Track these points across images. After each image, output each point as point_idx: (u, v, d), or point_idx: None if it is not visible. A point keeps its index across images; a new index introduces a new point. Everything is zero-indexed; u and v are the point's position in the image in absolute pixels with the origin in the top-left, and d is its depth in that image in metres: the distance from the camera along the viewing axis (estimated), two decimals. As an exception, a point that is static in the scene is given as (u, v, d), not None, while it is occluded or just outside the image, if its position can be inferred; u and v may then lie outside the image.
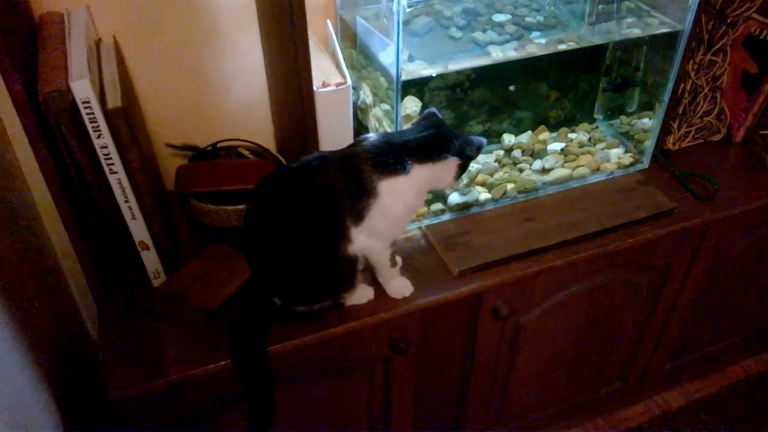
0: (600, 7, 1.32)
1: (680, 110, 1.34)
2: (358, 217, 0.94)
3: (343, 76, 1.04)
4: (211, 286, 1.05)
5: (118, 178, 0.96)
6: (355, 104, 1.25)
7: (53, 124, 0.90)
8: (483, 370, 1.30)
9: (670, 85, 1.23)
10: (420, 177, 0.95)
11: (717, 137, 1.42)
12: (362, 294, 1.06)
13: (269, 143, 1.32)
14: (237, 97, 1.28)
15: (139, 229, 1.03)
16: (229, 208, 1.12)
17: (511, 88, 1.31)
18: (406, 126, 1.04)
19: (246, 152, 1.25)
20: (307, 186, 0.95)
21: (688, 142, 1.39)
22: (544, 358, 1.38)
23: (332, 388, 1.16)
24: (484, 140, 1.03)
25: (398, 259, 1.12)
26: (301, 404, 1.15)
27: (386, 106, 1.15)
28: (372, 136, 0.97)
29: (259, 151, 1.26)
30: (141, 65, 1.18)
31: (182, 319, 1.03)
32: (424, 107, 1.22)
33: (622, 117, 1.38)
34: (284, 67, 1.05)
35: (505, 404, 1.44)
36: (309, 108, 1.00)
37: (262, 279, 1.01)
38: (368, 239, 0.97)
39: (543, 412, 1.54)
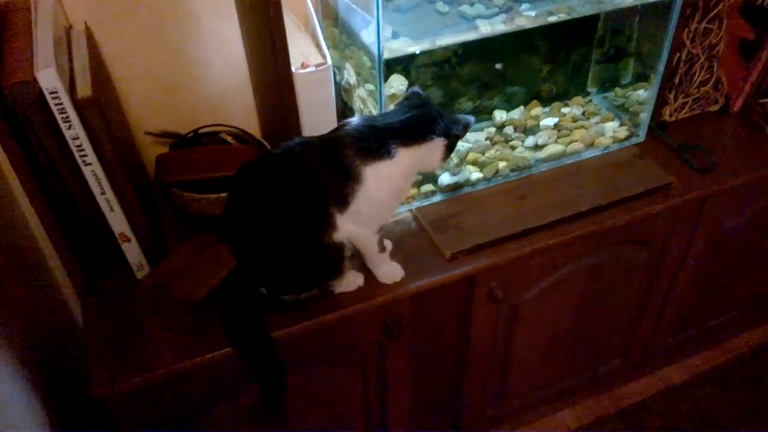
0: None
1: (676, 80, 1.30)
2: (343, 203, 0.91)
3: (324, 57, 1.01)
4: (196, 277, 1.02)
5: (92, 170, 0.93)
6: (339, 85, 1.21)
7: (21, 116, 0.86)
8: (479, 353, 1.28)
9: (664, 55, 1.19)
10: (406, 160, 0.92)
11: (715, 107, 1.38)
12: (352, 281, 1.03)
13: (253, 128, 1.29)
14: (218, 81, 1.24)
15: (118, 222, 1.00)
16: (212, 196, 1.08)
17: (498, 65, 1.27)
18: (391, 106, 1.00)
19: (229, 138, 1.21)
20: (289, 172, 0.91)
21: (685, 113, 1.35)
22: (542, 339, 1.35)
23: (326, 377, 1.14)
24: (471, 118, 1.00)
25: (388, 244, 1.09)
26: (295, 394, 1.12)
27: (370, 86, 1.11)
28: (355, 119, 0.93)
29: (242, 137, 1.22)
30: (116, 53, 1.14)
31: (167, 312, 1.01)
32: (410, 85, 1.18)
33: (617, 89, 1.34)
34: (262, 49, 1.01)
35: (504, 386, 1.42)
36: (288, 90, 0.96)
37: (246, 269, 0.98)
38: (354, 226, 0.94)
39: (544, 391, 1.52)
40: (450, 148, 0.97)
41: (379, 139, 0.90)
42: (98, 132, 0.92)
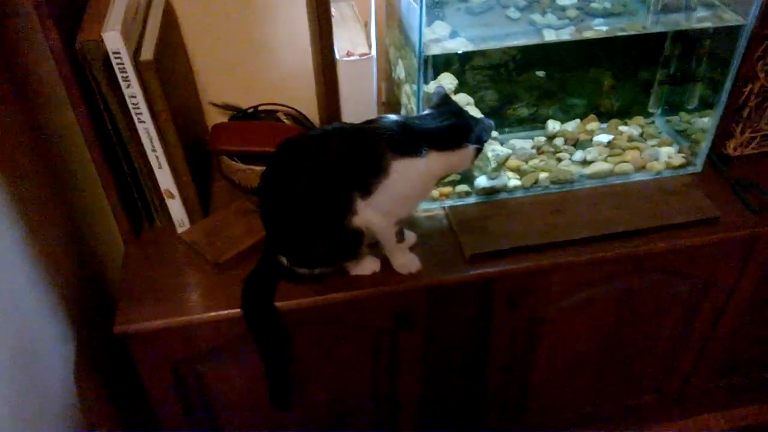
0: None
1: (745, 114, 1.24)
2: (367, 191, 0.95)
3: (369, 48, 1.05)
4: (227, 240, 1.10)
5: (145, 128, 1.02)
6: (393, 81, 1.25)
7: (88, 72, 0.97)
8: (499, 363, 1.28)
9: (727, 84, 1.14)
10: (436, 164, 0.97)
11: (788, 147, 1.30)
12: (367, 265, 1.07)
13: (312, 111, 1.35)
14: (284, 63, 1.31)
15: (164, 178, 1.09)
16: (256, 168, 1.16)
17: (540, 73, 1.26)
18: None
19: (284, 117, 1.28)
20: (322, 153, 0.97)
21: (752, 149, 1.29)
22: (566, 359, 1.33)
23: (336, 354, 1.18)
24: (491, 122, 1.03)
25: (412, 236, 1.12)
26: (306, 367, 1.18)
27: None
28: (392, 116, 0.98)
29: (298, 118, 1.29)
30: (193, 26, 1.23)
31: (196, 267, 1.09)
32: (462, 85, 1.20)
33: (682, 113, 1.30)
34: (314, 35, 1.07)
35: (524, 402, 1.41)
36: (330, 76, 1.01)
37: (270, 236, 1.04)
38: (373, 214, 0.98)
39: (565, 414, 1.49)
40: (478, 152, 1.00)
41: (413, 139, 0.95)
42: (154, 94, 1.00)
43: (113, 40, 0.93)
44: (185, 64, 1.25)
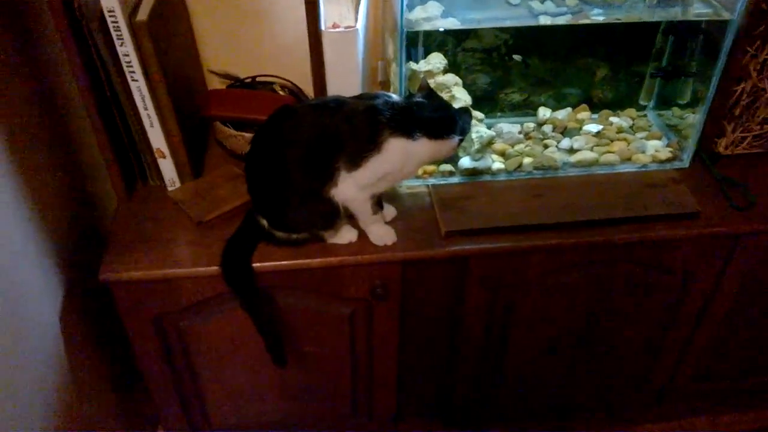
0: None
1: (737, 112, 1.23)
2: (355, 164, 0.99)
3: (355, 21, 1.07)
4: (212, 201, 1.14)
5: (138, 86, 1.06)
6: (387, 60, 1.27)
7: (85, 29, 1.01)
8: (473, 343, 1.30)
9: (715, 80, 1.14)
10: (425, 149, 1.01)
11: (782, 149, 1.30)
12: (344, 234, 1.10)
13: (308, 85, 1.38)
14: (284, 36, 1.34)
15: (156, 137, 1.13)
16: (246, 135, 1.19)
17: (517, 58, 1.27)
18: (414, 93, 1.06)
19: (279, 89, 1.32)
20: (315, 122, 1.00)
21: (743, 148, 1.28)
22: (541, 344, 1.35)
23: (314, 326, 1.21)
24: (470, 111, 1.09)
25: (391, 210, 1.15)
26: (284, 336, 1.21)
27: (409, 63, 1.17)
28: (393, 96, 1.02)
29: (293, 90, 1.32)
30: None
31: (181, 225, 1.13)
32: (453, 66, 1.22)
33: (675, 108, 1.30)
34: (308, 7, 1.10)
35: (497, 385, 1.43)
36: (316, 46, 1.04)
37: (253, 198, 1.08)
38: (351, 187, 1.01)
39: (540, 402, 1.51)
40: (461, 142, 1.05)
41: (410, 122, 0.99)
42: (148, 54, 1.04)
43: (109, -1, 0.97)
44: (187, 31, 1.29)
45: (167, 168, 1.17)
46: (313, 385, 1.33)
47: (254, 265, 1.07)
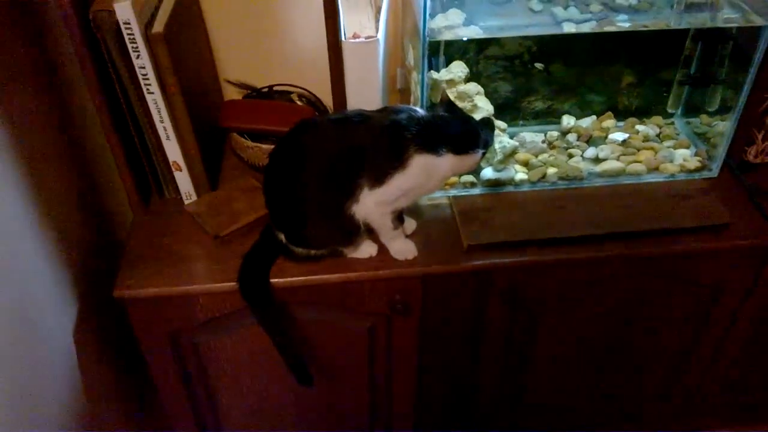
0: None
1: (767, 120, 1.19)
2: (378, 181, 0.97)
3: (377, 31, 1.05)
4: (228, 214, 1.12)
5: (154, 99, 1.04)
6: (407, 68, 1.25)
7: (101, 40, 0.99)
8: (494, 357, 1.27)
9: (746, 88, 1.10)
10: (449, 165, 0.99)
11: (814, 158, 1.25)
12: (364, 249, 1.08)
13: (326, 95, 1.35)
14: (302, 46, 1.32)
15: (172, 150, 1.11)
16: (264, 146, 1.17)
17: (539, 66, 1.24)
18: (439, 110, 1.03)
19: (297, 99, 1.29)
20: (338, 137, 0.98)
21: (775, 156, 1.24)
22: (564, 359, 1.31)
23: (333, 341, 1.19)
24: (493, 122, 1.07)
25: (412, 223, 1.12)
26: (304, 351, 1.19)
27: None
28: (418, 111, 0.99)
29: (311, 100, 1.30)
30: (214, 3, 1.25)
31: (197, 239, 1.11)
32: (475, 75, 1.19)
33: (703, 116, 1.26)
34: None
35: (519, 400, 1.40)
36: (336, 57, 1.02)
37: (271, 213, 1.05)
38: (374, 205, 0.99)
39: (561, 416, 1.47)
40: (484, 156, 1.03)
41: (436, 137, 0.97)
42: (164, 66, 1.02)
43: (124, 10, 0.95)
44: (203, 41, 1.27)
45: (183, 181, 1.15)
46: (331, 401, 1.31)
47: (272, 281, 1.05)
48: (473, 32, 1.08)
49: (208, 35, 1.28)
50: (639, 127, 1.28)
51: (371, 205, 0.99)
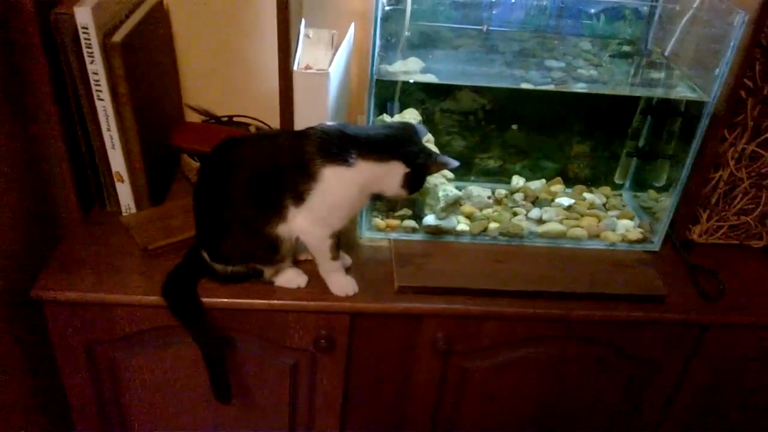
0: (645, 69, 1.26)
1: (713, 200, 1.21)
2: (299, 198, 0.95)
3: (329, 65, 1.07)
4: (162, 229, 1.11)
5: (103, 106, 1.06)
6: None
7: (59, 42, 1.02)
8: (422, 408, 1.23)
9: (688, 164, 1.12)
10: (362, 174, 0.95)
11: (758, 244, 1.26)
12: (293, 278, 1.06)
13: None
14: (266, 80, 1.35)
15: (116, 160, 1.11)
16: (211, 168, 1.18)
17: (514, 126, 1.27)
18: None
19: (254, 130, 1.31)
20: (263, 155, 0.98)
21: (718, 238, 1.25)
22: (496, 419, 1.27)
23: (255, 367, 1.15)
24: (455, 162, 1.01)
25: (347, 259, 1.11)
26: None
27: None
28: (330, 123, 0.98)
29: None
30: (185, 30, 1.29)
31: (128, 252, 1.10)
32: (430, 124, 1.22)
33: (650, 191, 1.27)
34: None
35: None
36: (285, 85, 1.04)
37: (197, 229, 1.05)
38: (306, 223, 0.97)
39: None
40: (413, 177, 0.98)
41: (342, 145, 0.94)
42: (117, 75, 1.04)
43: (83, 15, 0.98)
44: (169, 63, 1.30)
45: (124, 193, 1.15)
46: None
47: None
48: (423, 77, 1.11)
49: (176, 59, 1.31)
50: (587, 195, 1.29)
51: (306, 225, 0.97)
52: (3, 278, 1.11)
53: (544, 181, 1.30)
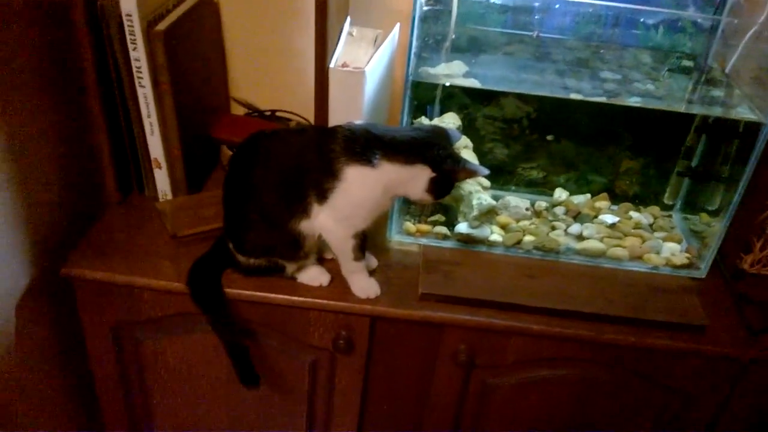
0: (704, 86, 1.19)
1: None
2: (323, 195, 0.95)
3: (366, 64, 1.06)
4: (194, 218, 1.12)
5: (144, 93, 1.08)
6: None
7: (104, 28, 1.04)
8: (440, 421, 1.20)
9: (740, 188, 1.04)
10: (386, 175, 0.93)
11: (818, 278, 1.17)
12: (315, 276, 1.06)
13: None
14: (311, 78, 1.34)
15: (155, 146, 1.13)
16: (247, 160, 1.18)
17: (550, 137, 1.23)
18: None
19: (294, 125, 1.31)
20: (283, 149, 0.98)
21: (772, 269, 1.16)
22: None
23: (275, 362, 1.15)
24: (485, 170, 0.98)
25: (373, 261, 1.10)
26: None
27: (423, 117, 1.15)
28: (358, 122, 0.97)
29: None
30: (235, 23, 1.30)
31: (160, 237, 1.11)
32: (472, 131, 1.19)
33: (703, 214, 1.20)
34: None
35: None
36: (321, 82, 1.03)
37: (225, 219, 1.05)
38: (329, 221, 0.97)
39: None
40: (439, 182, 0.95)
41: (367, 145, 0.93)
42: (159, 63, 1.06)
43: (128, 2, 1.00)
44: (217, 55, 1.31)
45: (161, 179, 1.17)
46: (266, 428, 1.25)
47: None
48: (463, 81, 1.08)
49: (224, 51, 1.33)
50: (633, 213, 1.23)
51: (328, 223, 0.96)
52: (42, 253, 1.14)
53: (589, 195, 1.25)
